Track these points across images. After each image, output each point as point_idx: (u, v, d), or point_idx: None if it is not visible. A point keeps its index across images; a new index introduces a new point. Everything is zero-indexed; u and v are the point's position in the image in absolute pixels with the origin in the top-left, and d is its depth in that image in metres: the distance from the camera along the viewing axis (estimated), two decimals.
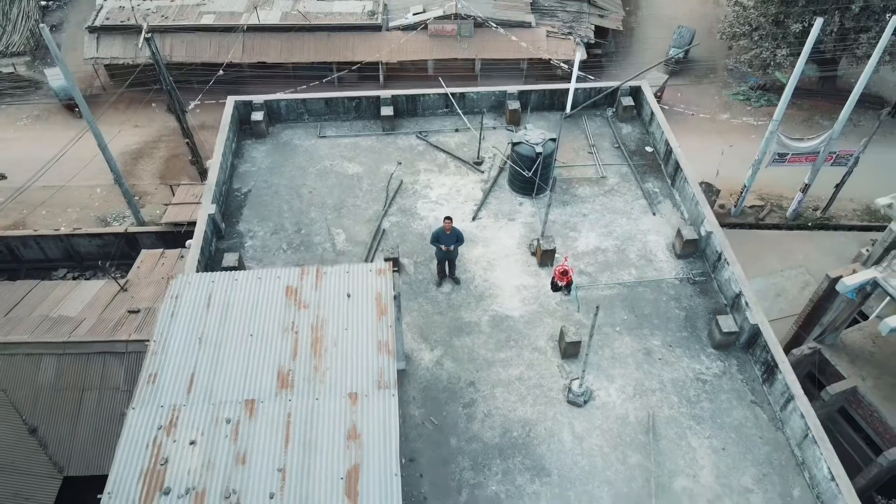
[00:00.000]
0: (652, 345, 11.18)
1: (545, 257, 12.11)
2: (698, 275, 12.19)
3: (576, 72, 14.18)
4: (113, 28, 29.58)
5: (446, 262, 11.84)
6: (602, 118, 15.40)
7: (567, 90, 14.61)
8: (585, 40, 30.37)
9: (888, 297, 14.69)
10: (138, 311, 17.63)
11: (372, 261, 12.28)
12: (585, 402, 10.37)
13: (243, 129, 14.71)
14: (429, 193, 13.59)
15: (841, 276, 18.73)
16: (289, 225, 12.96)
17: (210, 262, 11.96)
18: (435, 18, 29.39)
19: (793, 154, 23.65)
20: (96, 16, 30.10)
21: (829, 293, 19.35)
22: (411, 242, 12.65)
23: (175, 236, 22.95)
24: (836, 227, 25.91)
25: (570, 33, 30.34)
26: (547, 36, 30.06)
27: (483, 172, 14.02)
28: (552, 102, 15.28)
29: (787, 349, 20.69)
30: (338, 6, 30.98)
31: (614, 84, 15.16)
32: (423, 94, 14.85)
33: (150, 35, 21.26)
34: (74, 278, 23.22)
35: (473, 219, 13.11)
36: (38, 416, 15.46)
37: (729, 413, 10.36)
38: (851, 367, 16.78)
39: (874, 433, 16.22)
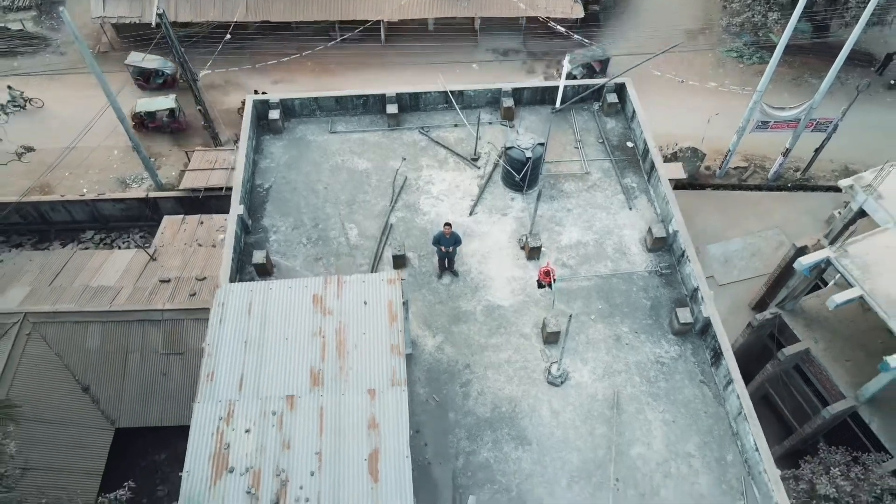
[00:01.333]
0: (621, 331, 13.20)
1: (532, 253, 13.95)
2: (665, 268, 14.06)
3: (564, 77, 15.52)
4: None
5: (445, 258, 13.70)
6: (589, 112, 16.85)
7: (557, 86, 16.02)
8: None
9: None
10: (169, 281, 19.65)
11: (381, 255, 14.12)
12: (562, 382, 12.49)
13: (261, 124, 16.20)
14: (430, 189, 15.27)
15: (805, 246, 20.67)
16: (307, 220, 14.72)
17: (241, 257, 13.81)
18: None
19: (775, 122, 24.98)
20: None
21: (794, 260, 21.27)
22: (415, 237, 14.45)
23: (193, 201, 24.69)
24: (815, 188, 27.52)
25: None
26: None
27: (479, 168, 15.64)
28: (543, 97, 16.68)
29: (759, 307, 22.84)
30: None
31: (600, 81, 16.51)
32: (425, 92, 16.23)
33: (161, 11, 22.28)
34: (101, 240, 25.10)
35: (470, 214, 14.85)
36: (89, 377, 17.73)
37: (681, 391, 12.50)
38: (807, 331, 18.94)
39: (822, 389, 18.56)
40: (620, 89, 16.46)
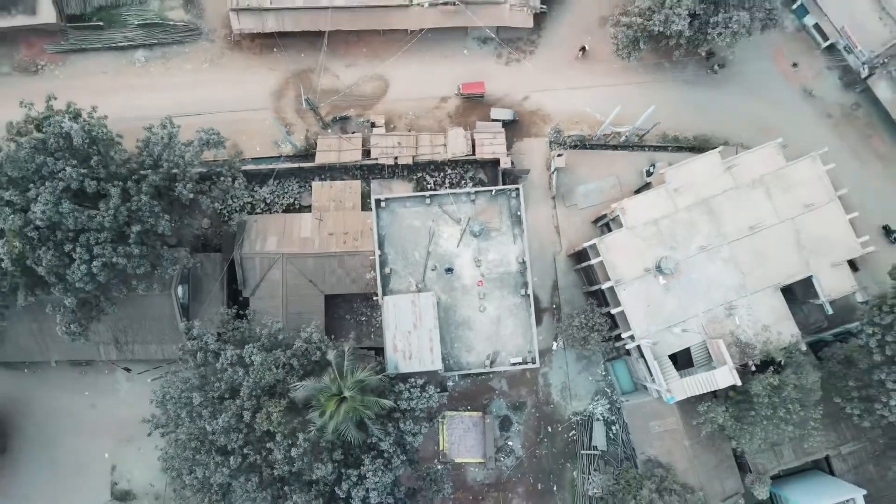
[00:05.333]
0: (504, 294, 43.70)
1: (477, 265, 43.55)
2: (522, 271, 43.74)
3: (499, 183, 42.72)
4: (249, 8, 50.96)
5: (449, 272, 43.34)
6: (507, 195, 44.19)
7: (496, 183, 43.23)
8: (535, 11, 52.04)
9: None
10: (332, 234, 48.77)
11: (427, 265, 43.64)
12: (483, 311, 43.51)
13: (378, 204, 43.79)
14: (442, 234, 43.88)
15: (605, 214, 49.29)
16: (400, 250, 43.77)
17: (382, 267, 43.34)
18: (443, 3, 50.80)
19: (614, 130, 50.29)
20: None
21: (601, 217, 50.18)
22: (439, 257, 43.76)
23: (322, 168, 51.60)
24: (643, 147, 53.52)
25: (525, 5, 51.92)
26: (510, 8, 51.75)
27: (460, 224, 43.95)
28: (489, 189, 43.84)
29: (595, 223, 51.92)
30: None
31: (511, 187, 43.43)
32: (442, 193, 43.40)
33: (308, 97, 46.52)
34: (277, 183, 52.57)
35: (457, 246, 43.84)
36: (312, 277, 48.31)
37: (520, 313, 43.57)
38: (596, 256, 48.81)
39: (599, 276, 49.34)
40: (517, 190, 43.64)
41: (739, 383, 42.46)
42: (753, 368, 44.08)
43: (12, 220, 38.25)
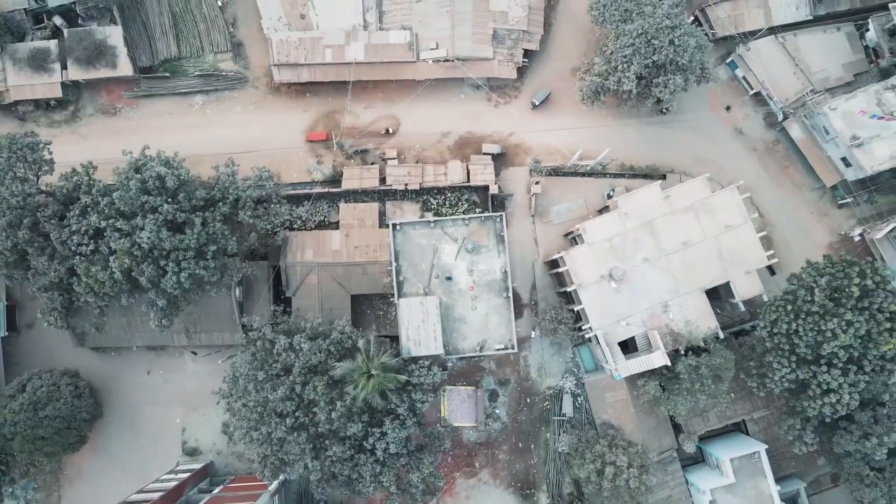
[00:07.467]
0: (491, 296, 58.04)
1: (471, 275, 57.78)
2: (504, 278, 57.99)
3: (490, 208, 56.85)
4: (287, 64, 64.52)
5: (448, 280, 57.54)
6: (494, 220, 58.26)
7: (486, 204, 57.30)
8: (518, 64, 65.66)
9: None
10: (357, 247, 62.91)
11: (432, 274, 57.85)
12: (475, 309, 57.81)
13: (394, 228, 57.89)
14: (443, 250, 58.10)
15: (571, 231, 63.56)
16: (411, 262, 57.98)
17: (397, 275, 57.57)
18: (444, 60, 64.49)
19: (582, 164, 64.08)
20: (274, 53, 64.34)
21: (570, 232, 64.49)
22: (441, 267, 58.01)
23: (348, 192, 65.48)
24: (606, 175, 67.27)
25: (510, 61, 65.54)
26: (498, 63, 65.39)
27: (457, 242, 58.10)
28: (481, 215, 57.92)
29: (566, 237, 66.15)
30: (392, 37, 65.00)
31: (497, 214, 57.47)
32: (443, 218, 57.42)
33: (338, 140, 60.32)
34: (311, 204, 66.46)
35: (455, 259, 58.03)
36: (341, 281, 62.58)
37: (502, 310, 57.99)
38: (564, 264, 63.06)
39: (567, 280, 63.63)
40: (502, 216, 57.74)
41: (669, 364, 56.80)
42: (683, 352, 58.36)
43: (122, 243, 52.26)
